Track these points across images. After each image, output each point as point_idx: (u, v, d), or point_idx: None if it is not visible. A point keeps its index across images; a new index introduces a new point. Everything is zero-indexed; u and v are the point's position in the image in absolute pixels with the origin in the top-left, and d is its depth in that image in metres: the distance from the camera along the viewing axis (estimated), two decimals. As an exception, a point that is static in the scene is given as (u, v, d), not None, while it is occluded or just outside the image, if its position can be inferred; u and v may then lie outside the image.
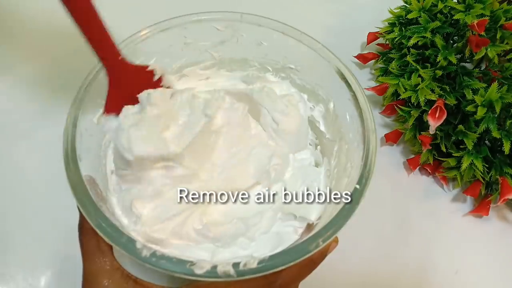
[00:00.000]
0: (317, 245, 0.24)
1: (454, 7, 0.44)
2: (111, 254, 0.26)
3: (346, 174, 0.30)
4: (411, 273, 0.40)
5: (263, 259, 0.23)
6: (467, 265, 0.41)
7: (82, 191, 0.25)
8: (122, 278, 0.26)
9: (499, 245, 0.42)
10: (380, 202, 0.43)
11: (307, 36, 0.33)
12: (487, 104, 0.38)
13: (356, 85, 0.31)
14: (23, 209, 0.40)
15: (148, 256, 0.23)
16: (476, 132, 0.39)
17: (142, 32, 0.32)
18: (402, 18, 0.48)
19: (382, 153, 0.47)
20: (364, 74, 0.53)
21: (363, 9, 0.58)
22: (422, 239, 0.42)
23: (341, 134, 0.33)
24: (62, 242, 0.37)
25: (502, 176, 0.39)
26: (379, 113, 0.48)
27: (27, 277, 0.36)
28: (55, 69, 0.48)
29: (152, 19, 0.33)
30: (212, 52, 0.36)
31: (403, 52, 0.47)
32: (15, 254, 0.37)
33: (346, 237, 0.29)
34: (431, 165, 0.44)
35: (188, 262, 0.23)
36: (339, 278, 0.38)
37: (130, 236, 0.24)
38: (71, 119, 0.27)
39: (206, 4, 0.35)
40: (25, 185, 0.41)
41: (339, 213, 0.25)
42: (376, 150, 0.28)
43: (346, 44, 0.54)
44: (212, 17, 0.34)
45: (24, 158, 0.42)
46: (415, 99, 0.42)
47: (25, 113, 0.45)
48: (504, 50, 0.42)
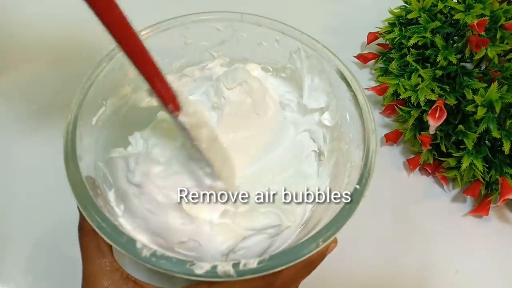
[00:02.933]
0: (317, 245, 0.24)
1: (454, 7, 0.44)
2: (111, 255, 0.26)
3: (346, 174, 0.30)
4: (411, 273, 0.40)
5: (263, 259, 0.23)
6: (467, 265, 0.41)
7: (82, 191, 0.25)
8: (122, 279, 0.26)
9: (499, 245, 0.42)
10: (380, 202, 0.43)
11: (307, 36, 0.33)
12: (487, 104, 0.38)
13: (356, 85, 0.31)
14: (23, 209, 0.40)
15: (148, 256, 0.23)
16: (476, 132, 0.39)
17: (142, 32, 0.32)
18: (402, 18, 0.48)
19: (382, 153, 0.47)
20: (364, 74, 0.53)
21: (363, 9, 0.58)
22: (422, 239, 0.42)
23: (341, 134, 0.33)
24: (62, 243, 0.37)
25: (502, 176, 0.39)
26: (379, 113, 0.48)
27: (27, 277, 0.36)
28: (55, 69, 0.48)
29: (152, 19, 0.33)
30: (212, 52, 0.36)
31: (403, 52, 0.47)
32: (15, 254, 0.37)
33: (346, 237, 0.29)
34: (431, 165, 0.44)
35: (188, 262, 0.23)
36: (339, 278, 0.38)
37: (130, 236, 0.24)
38: (71, 119, 0.27)
39: (206, 4, 0.35)
40: (25, 185, 0.41)
41: (339, 213, 0.25)
42: (376, 150, 0.28)
43: (346, 44, 0.54)
44: (212, 17, 0.34)
45: (24, 158, 0.42)
46: (415, 99, 0.42)
47: (25, 113, 0.45)
48: (504, 50, 0.42)
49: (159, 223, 0.27)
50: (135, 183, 0.28)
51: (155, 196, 0.27)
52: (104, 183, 0.30)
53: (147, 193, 0.27)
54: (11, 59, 0.49)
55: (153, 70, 0.25)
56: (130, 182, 0.28)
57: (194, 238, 0.27)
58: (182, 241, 0.26)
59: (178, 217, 0.27)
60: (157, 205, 0.27)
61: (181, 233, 0.27)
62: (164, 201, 0.27)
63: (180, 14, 0.33)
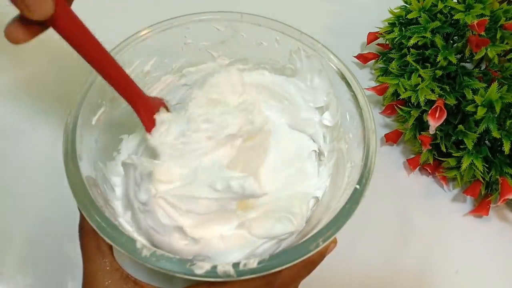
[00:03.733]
0: (317, 245, 0.24)
1: (454, 7, 0.43)
2: (111, 255, 0.26)
3: (346, 174, 0.30)
4: (411, 273, 0.40)
5: (263, 259, 0.23)
6: (467, 265, 0.41)
7: (82, 191, 0.25)
8: (122, 279, 0.26)
9: (499, 245, 0.42)
10: (380, 202, 0.43)
11: (307, 36, 0.33)
12: (487, 104, 0.38)
13: (356, 85, 0.31)
14: (23, 209, 0.40)
15: (148, 256, 0.23)
16: (476, 132, 0.39)
17: (142, 32, 0.32)
18: (402, 18, 0.48)
19: (382, 153, 0.47)
20: (364, 74, 0.53)
21: (363, 9, 0.58)
22: (422, 239, 0.42)
23: (341, 134, 0.33)
24: (62, 243, 0.37)
25: (502, 176, 0.39)
26: (379, 113, 0.48)
27: (27, 277, 0.36)
28: (55, 69, 0.48)
29: (152, 19, 0.33)
30: (212, 52, 0.36)
31: (403, 52, 0.47)
32: (15, 254, 0.37)
33: (346, 237, 0.29)
34: (431, 165, 0.44)
35: (188, 262, 0.23)
36: (339, 278, 0.38)
37: (130, 236, 0.24)
38: (71, 119, 0.27)
39: (206, 4, 0.35)
40: (25, 185, 0.41)
41: (339, 213, 0.25)
42: (376, 150, 0.28)
43: (346, 44, 0.54)
44: (212, 17, 0.34)
45: (24, 158, 0.42)
46: (415, 99, 0.42)
47: (25, 113, 0.45)
48: (504, 50, 0.42)
49: (162, 241, 0.27)
50: (141, 201, 0.27)
51: (159, 217, 0.26)
52: (104, 183, 0.30)
53: (151, 211, 0.26)
54: (11, 59, 0.49)
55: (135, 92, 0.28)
56: (136, 197, 0.27)
57: (201, 254, 0.27)
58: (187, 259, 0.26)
59: (182, 239, 0.26)
60: (161, 226, 0.26)
61: (186, 252, 0.26)
62: (167, 223, 0.26)
63: (180, 14, 0.33)
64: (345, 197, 0.26)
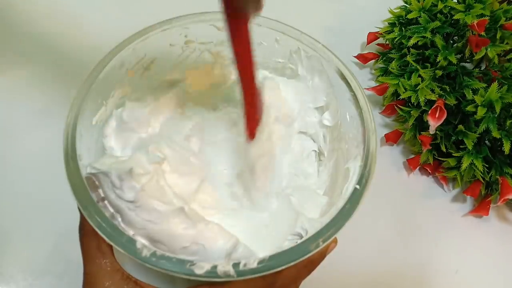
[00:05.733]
0: (317, 245, 0.24)
1: (454, 7, 0.44)
2: (111, 256, 0.26)
3: (346, 174, 0.30)
4: (411, 273, 0.40)
5: (263, 259, 0.23)
6: (467, 265, 0.41)
7: (82, 191, 0.25)
8: (122, 280, 0.25)
9: (499, 245, 0.42)
10: (380, 202, 0.43)
11: (307, 36, 0.33)
12: (487, 104, 0.38)
13: (356, 85, 0.31)
14: (23, 209, 0.40)
15: (148, 256, 0.23)
16: (476, 132, 0.39)
17: (142, 32, 0.32)
18: (402, 18, 0.48)
19: (382, 153, 0.47)
20: (364, 74, 0.53)
21: (363, 9, 0.58)
22: (422, 239, 0.42)
23: (341, 134, 0.33)
24: (63, 243, 0.37)
25: (502, 176, 0.39)
26: (379, 113, 0.48)
27: (27, 277, 0.36)
28: (55, 69, 0.48)
29: (152, 19, 0.33)
30: (212, 52, 0.36)
31: (403, 52, 0.47)
32: (15, 254, 0.37)
33: (346, 237, 0.29)
34: (431, 165, 0.44)
35: (188, 262, 0.23)
36: (339, 278, 0.38)
37: (130, 236, 0.24)
38: (71, 119, 0.27)
39: (206, 4, 0.35)
40: (25, 185, 0.41)
41: (339, 213, 0.25)
42: (376, 150, 0.28)
43: (346, 44, 0.54)
44: (212, 17, 0.34)
45: (24, 158, 0.42)
46: (415, 99, 0.42)
47: (25, 113, 0.45)
48: (504, 50, 0.42)
49: (159, 231, 0.26)
50: (128, 200, 0.26)
51: (154, 207, 0.26)
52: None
53: (144, 205, 0.26)
54: (11, 59, 0.49)
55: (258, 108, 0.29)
56: (121, 198, 0.26)
57: (197, 241, 0.27)
58: (184, 246, 0.26)
59: (180, 223, 0.26)
60: (158, 215, 0.26)
61: (184, 238, 0.26)
62: (164, 209, 0.26)
63: (180, 14, 0.33)
64: (345, 197, 0.26)
